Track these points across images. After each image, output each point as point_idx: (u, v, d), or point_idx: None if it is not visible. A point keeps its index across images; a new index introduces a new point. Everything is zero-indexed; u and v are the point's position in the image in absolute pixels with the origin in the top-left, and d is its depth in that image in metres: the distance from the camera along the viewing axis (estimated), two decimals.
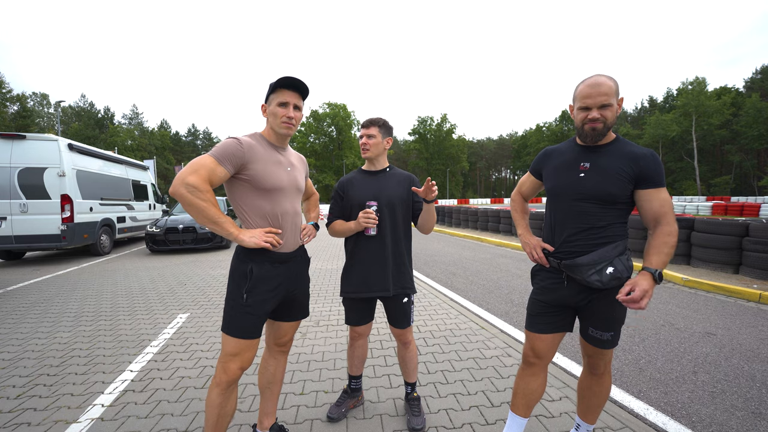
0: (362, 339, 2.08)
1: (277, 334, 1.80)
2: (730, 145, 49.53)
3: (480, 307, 4.38)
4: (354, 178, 2.02)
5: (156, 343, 3.26)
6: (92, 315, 4.16)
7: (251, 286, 1.54)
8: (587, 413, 1.75)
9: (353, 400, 2.18)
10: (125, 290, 5.33)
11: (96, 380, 2.59)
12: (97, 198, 8.94)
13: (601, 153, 1.49)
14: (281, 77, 1.56)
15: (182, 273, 6.52)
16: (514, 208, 1.89)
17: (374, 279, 1.91)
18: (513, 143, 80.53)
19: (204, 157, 1.47)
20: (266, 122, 1.66)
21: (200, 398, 2.33)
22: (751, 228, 5.62)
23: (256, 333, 1.57)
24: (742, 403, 2.31)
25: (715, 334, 3.45)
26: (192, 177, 1.39)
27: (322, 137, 57.57)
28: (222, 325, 1.57)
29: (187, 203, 1.39)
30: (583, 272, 1.45)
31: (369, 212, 1.83)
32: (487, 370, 2.67)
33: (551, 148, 1.71)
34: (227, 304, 1.57)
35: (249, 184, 1.54)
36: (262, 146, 1.59)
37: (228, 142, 1.51)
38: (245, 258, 1.57)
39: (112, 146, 43.76)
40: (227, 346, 1.54)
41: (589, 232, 1.48)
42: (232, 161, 1.49)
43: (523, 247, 1.73)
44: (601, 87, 1.41)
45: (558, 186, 1.57)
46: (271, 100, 1.59)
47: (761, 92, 48.37)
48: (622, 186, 1.43)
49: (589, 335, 1.58)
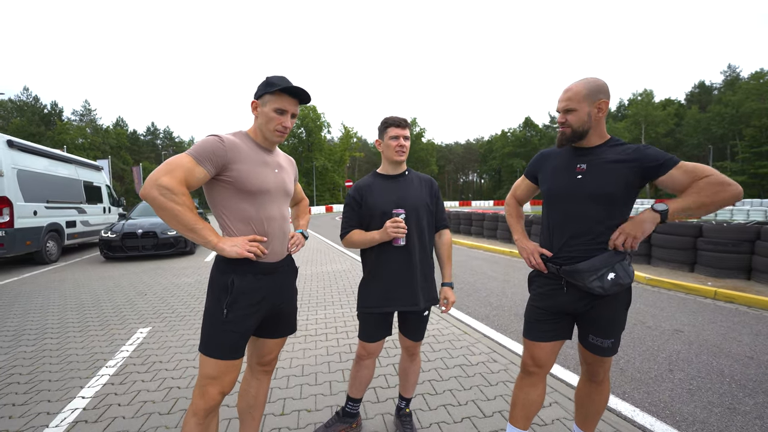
0: (371, 359, 1.88)
1: (261, 353, 1.63)
2: (674, 152, 54.01)
3: (460, 311, 4.36)
4: (373, 184, 1.84)
5: (113, 363, 2.93)
6: (35, 333, 3.70)
7: (232, 300, 1.38)
8: (586, 422, 1.71)
9: (345, 426, 1.96)
10: (76, 303, 4.81)
11: (39, 411, 2.26)
12: (42, 200, 8.12)
13: (596, 153, 1.47)
14: (288, 85, 1.42)
15: (142, 282, 6.03)
16: (509, 213, 1.85)
17: (401, 292, 1.75)
18: (480, 148, 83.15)
19: (181, 156, 1.31)
20: (254, 120, 1.51)
21: (166, 426, 2.08)
22: (705, 229, 6.03)
23: (239, 352, 1.41)
24: (717, 399, 2.40)
25: (682, 331, 3.61)
26: (166, 178, 1.23)
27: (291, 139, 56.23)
28: (199, 345, 1.41)
29: (159, 207, 1.23)
30: (585, 278, 1.40)
31: (398, 221, 1.67)
32: (475, 377, 2.61)
33: (547, 151, 1.68)
34: (205, 321, 1.41)
35: (231, 186, 1.39)
36: (248, 145, 1.45)
37: (208, 140, 1.35)
38: (226, 268, 1.42)
39: (61, 144, 40.33)
40: (206, 368, 1.38)
41: (587, 236, 1.45)
42: (213, 161, 1.34)
43: (520, 253, 1.67)
44: (568, 92, 1.45)
45: (555, 188, 1.55)
46: (267, 102, 1.43)
47: (699, 105, 53.11)
48: (620, 185, 1.40)
49: (589, 342, 1.55)
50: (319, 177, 54.42)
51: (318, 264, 7.48)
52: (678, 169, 1.35)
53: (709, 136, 47.16)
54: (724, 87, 53.01)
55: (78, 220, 9.58)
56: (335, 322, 3.85)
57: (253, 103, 1.48)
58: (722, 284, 5.23)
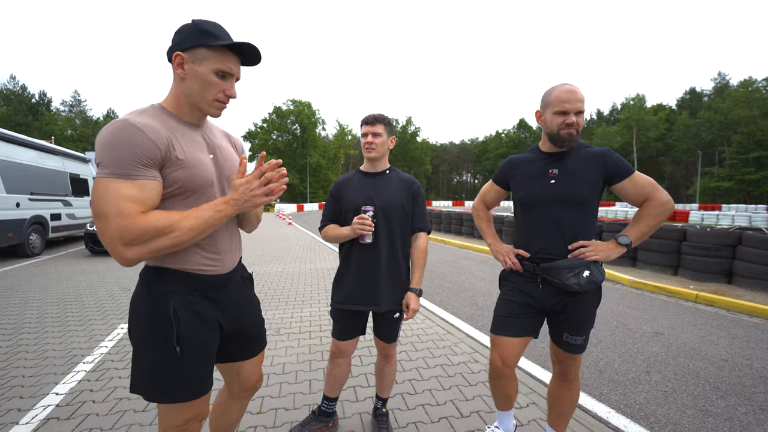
0: (344, 357, 1.87)
1: (243, 378, 1.33)
2: (664, 157, 54.88)
3: (445, 311, 4.37)
4: (351, 180, 1.85)
5: (90, 359, 2.88)
6: (12, 328, 3.62)
7: (183, 331, 1.05)
8: (558, 422, 1.73)
9: (321, 425, 1.94)
10: (57, 297, 4.73)
11: (10, 407, 2.21)
12: (25, 192, 7.95)
13: (566, 158, 1.53)
14: (233, 40, 1.05)
15: (126, 277, 5.94)
16: (479, 217, 1.90)
17: (365, 291, 1.74)
18: (474, 148, 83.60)
19: (106, 186, 0.91)
20: (176, 84, 1.07)
21: (140, 423, 2.05)
22: (689, 233, 6.13)
23: (209, 383, 1.15)
24: (691, 401, 2.44)
25: (662, 334, 3.67)
26: (121, 230, 0.90)
27: (285, 135, 55.84)
28: (152, 394, 1.06)
29: (163, 249, 0.96)
30: (562, 275, 1.46)
31: (364, 218, 1.66)
32: (455, 377, 2.62)
33: (515, 157, 1.71)
34: (153, 366, 1.05)
35: (165, 188, 1.03)
36: (170, 126, 1.03)
37: (118, 139, 0.92)
38: (158, 291, 1.06)
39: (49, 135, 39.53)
40: (175, 416, 1.09)
41: (563, 237, 1.51)
42: (150, 161, 0.95)
43: (495, 256, 1.73)
44: (578, 94, 1.46)
45: (530, 195, 1.59)
46: (202, 59, 1.03)
47: (690, 111, 53.96)
48: (591, 186, 1.48)
49: (563, 341, 1.59)
50: (312, 174, 54.12)
51: (306, 261, 7.44)
52: (630, 181, 1.46)
53: (699, 141, 47.94)
54: (713, 94, 53.90)
55: (63, 212, 9.40)
56: (320, 320, 3.83)
57: (177, 56, 1.03)
58: (704, 288, 5.32)
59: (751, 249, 5.32)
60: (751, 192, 43.82)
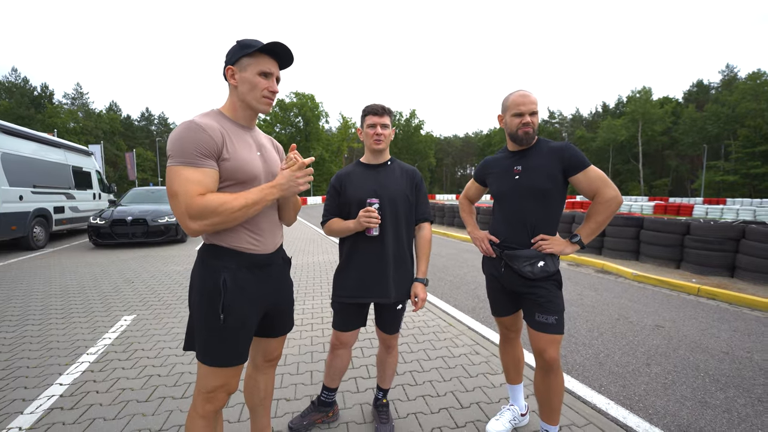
0: (345, 348, 1.87)
1: (266, 351, 1.54)
2: (670, 151, 54.26)
3: (447, 303, 4.38)
4: (353, 172, 1.83)
5: (93, 350, 2.91)
6: (17, 319, 3.67)
7: (228, 301, 1.23)
8: (551, 415, 1.73)
9: (320, 415, 1.96)
10: (60, 289, 4.77)
11: (14, 398, 2.24)
12: (28, 185, 7.99)
13: (528, 155, 1.71)
14: (270, 41, 1.24)
15: (130, 269, 5.99)
16: (463, 209, 2.18)
17: (373, 283, 1.74)
18: (478, 141, 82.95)
19: (176, 174, 1.13)
20: (231, 92, 1.30)
21: (143, 413, 2.08)
22: (692, 227, 6.09)
23: (244, 356, 1.31)
24: (690, 393, 2.44)
25: (663, 327, 3.66)
26: (187, 215, 1.13)
27: (288, 128, 55.66)
28: (197, 353, 1.26)
29: (220, 223, 1.17)
30: (519, 262, 1.67)
31: (371, 211, 1.65)
32: (456, 369, 2.63)
33: (489, 158, 1.94)
34: (199, 327, 1.26)
35: (220, 177, 1.24)
36: (226, 127, 1.26)
37: (186, 134, 1.15)
38: (213, 266, 1.26)
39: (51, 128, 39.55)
40: (209, 377, 1.25)
41: (527, 227, 1.69)
42: (209, 153, 1.17)
43: (474, 242, 1.94)
44: (531, 97, 1.67)
45: (500, 190, 1.81)
46: (246, 66, 1.25)
47: (696, 104, 53.23)
48: (552, 180, 1.64)
49: (536, 321, 1.66)
50: (316, 167, 54.08)
51: (309, 254, 7.47)
52: (584, 174, 1.60)
53: (705, 135, 47.35)
54: (721, 86, 53.13)
55: (66, 205, 9.45)
56: (322, 312, 3.85)
57: (229, 70, 1.27)
58: (706, 281, 5.31)
59: (755, 243, 5.29)
60: (757, 186, 43.39)
